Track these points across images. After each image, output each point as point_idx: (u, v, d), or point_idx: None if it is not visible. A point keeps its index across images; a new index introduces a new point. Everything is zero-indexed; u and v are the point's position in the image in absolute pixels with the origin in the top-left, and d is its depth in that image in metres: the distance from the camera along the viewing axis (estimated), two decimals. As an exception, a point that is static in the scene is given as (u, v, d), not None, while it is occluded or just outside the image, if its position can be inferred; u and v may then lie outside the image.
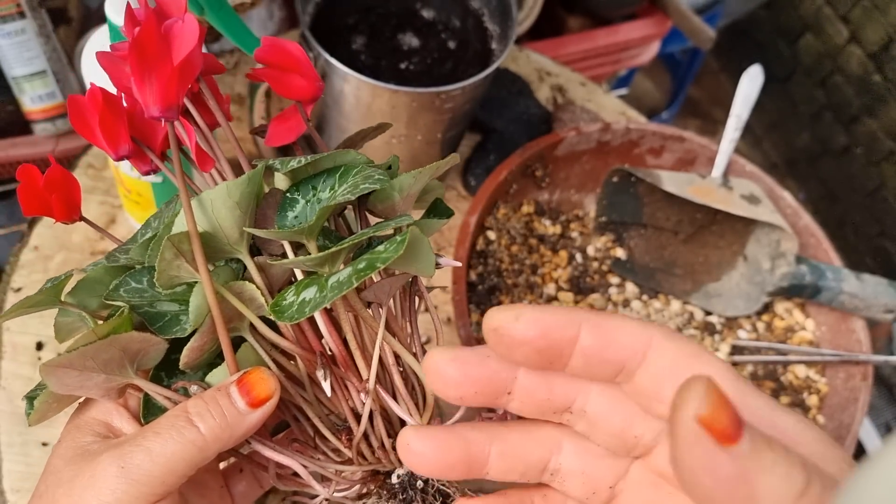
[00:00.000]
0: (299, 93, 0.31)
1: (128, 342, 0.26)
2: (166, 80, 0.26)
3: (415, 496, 0.29)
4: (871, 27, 1.38)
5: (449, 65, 0.60)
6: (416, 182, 0.29)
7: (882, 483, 0.20)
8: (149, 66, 0.26)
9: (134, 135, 0.29)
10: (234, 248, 0.28)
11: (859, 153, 1.48)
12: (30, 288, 0.59)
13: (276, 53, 0.30)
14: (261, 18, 0.83)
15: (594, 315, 0.21)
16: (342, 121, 0.59)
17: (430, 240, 0.69)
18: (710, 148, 0.68)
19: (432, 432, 0.24)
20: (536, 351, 0.21)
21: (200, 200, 0.26)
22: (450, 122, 0.60)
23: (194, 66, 0.27)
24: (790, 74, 1.61)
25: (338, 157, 0.29)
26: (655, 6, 1.02)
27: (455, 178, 0.73)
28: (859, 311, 0.63)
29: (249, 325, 0.28)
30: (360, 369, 0.29)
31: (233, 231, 0.27)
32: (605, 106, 0.81)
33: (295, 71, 0.31)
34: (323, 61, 0.55)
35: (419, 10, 0.63)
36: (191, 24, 0.26)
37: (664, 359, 0.20)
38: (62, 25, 0.67)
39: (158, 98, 0.26)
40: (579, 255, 0.67)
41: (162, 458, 0.25)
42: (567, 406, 0.23)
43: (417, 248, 0.27)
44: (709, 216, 0.67)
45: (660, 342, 0.20)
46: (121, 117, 0.28)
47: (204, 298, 0.26)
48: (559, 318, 0.21)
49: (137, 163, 0.29)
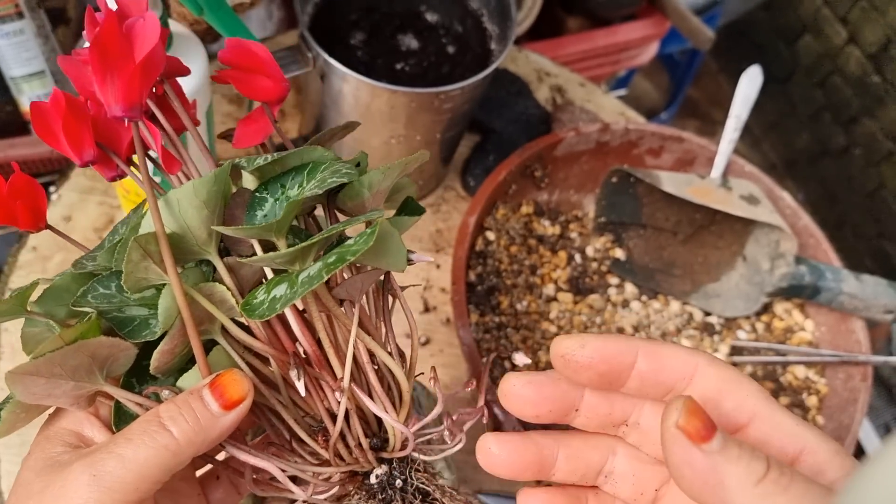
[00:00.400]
0: (265, 94, 0.31)
1: (96, 348, 0.26)
2: (128, 78, 0.26)
3: (394, 495, 0.29)
4: (869, 28, 1.38)
5: (448, 65, 0.60)
6: (385, 178, 0.29)
7: (882, 483, 0.20)
8: (110, 64, 0.25)
9: (99, 140, 0.28)
10: (203, 248, 0.27)
11: (858, 154, 1.48)
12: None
13: (240, 55, 0.30)
14: (260, 18, 0.83)
15: (649, 343, 0.25)
16: (341, 121, 0.59)
17: (428, 236, 0.69)
18: (709, 148, 0.68)
19: (510, 438, 0.27)
20: (599, 374, 0.25)
21: (167, 200, 0.26)
22: (449, 123, 0.60)
23: (157, 64, 0.26)
24: (789, 75, 1.61)
25: (305, 154, 0.29)
26: (654, 7, 1.02)
27: (454, 178, 0.73)
28: (858, 312, 0.63)
29: (221, 327, 0.28)
30: (335, 368, 0.28)
31: (201, 231, 0.26)
32: (604, 106, 0.81)
33: (260, 72, 0.31)
34: (322, 61, 0.54)
35: (418, 11, 0.63)
36: (152, 22, 0.26)
37: (708, 381, 0.24)
38: (61, 26, 0.67)
39: (121, 97, 0.26)
40: (578, 256, 0.67)
41: (134, 464, 0.24)
42: (624, 420, 0.27)
43: (388, 242, 0.27)
44: (708, 217, 0.67)
45: (704, 368, 0.24)
46: (85, 122, 0.27)
47: (173, 300, 0.26)
48: (619, 346, 0.25)
49: (103, 168, 0.29)
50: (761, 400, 0.23)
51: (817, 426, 0.60)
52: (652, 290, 0.66)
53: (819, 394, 0.63)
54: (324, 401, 0.28)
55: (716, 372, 0.24)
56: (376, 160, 0.63)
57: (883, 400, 1.25)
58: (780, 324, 0.66)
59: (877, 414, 1.23)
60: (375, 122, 0.58)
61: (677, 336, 0.64)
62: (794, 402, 0.62)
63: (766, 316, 0.66)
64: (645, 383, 0.25)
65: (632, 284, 0.66)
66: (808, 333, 0.65)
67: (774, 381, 0.63)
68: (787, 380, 0.63)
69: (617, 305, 0.65)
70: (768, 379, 0.63)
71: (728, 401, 0.23)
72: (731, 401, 0.23)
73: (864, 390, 0.60)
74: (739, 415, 0.23)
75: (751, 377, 0.62)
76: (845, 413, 0.60)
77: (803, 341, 0.65)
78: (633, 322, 0.64)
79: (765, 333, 0.66)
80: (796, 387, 0.63)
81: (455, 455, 0.33)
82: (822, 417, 0.61)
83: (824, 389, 0.63)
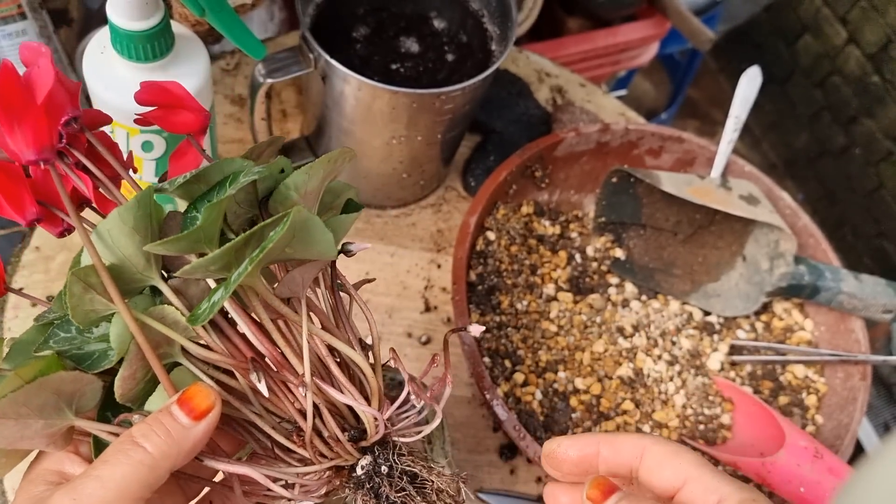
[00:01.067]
0: (187, 127, 0.32)
1: (59, 384, 0.26)
2: (33, 122, 0.26)
3: (381, 482, 0.30)
4: (869, 28, 1.39)
5: (449, 66, 0.60)
6: (310, 178, 0.29)
7: (881, 483, 0.20)
8: (14, 114, 0.26)
9: (41, 199, 0.29)
10: (145, 275, 0.27)
11: (858, 154, 1.48)
12: (31, 288, 0.59)
13: (156, 94, 0.32)
14: (261, 20, 0.84)
15: (607, 435, 0.31)
16: (343, 122, 0.59)
17: (429, 236, 0.69)
18: (708, 149, 0.68)
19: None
20: (576, 464, 0.32)
21: (98, 233, 0.26)
22: (450, 123, 0.60)
23: (59, 105, 0.27)
24: (789, 75, 1.61)
25: (225, 166, 0.29)
26: (654, 7, 1.02)
27: (455, 178, 0.73)
28: (858, 312, 0.63)
29: (181, 348, 0.28)
30: (295, 366, 0.29)
31: (138, 258, 0.27)
32: (604, 107, 0.81)
33: (179, 107, 0.32)
34: (323, 62, 0.55)
35: (419, 12, 0.63)
36: (45, 68, 0.27)
37: (653, 457, 0.30)
38: (63, 26, 0.67)
39: (31, 141, 0.27)
40: (578, 256, 0.67)
41: (112, 483, 0.25)
42: None
43: (309, 230, 0.27)
44: (708, 217, 0.67)
45: (650, 447, 0.30)
46: (21, 183, 0.28)
47: (124, 326, 0.26)
48: (585, 440, 0.32)
49: (49, 226, 0.30)
50: (694, 466, 0.29)
51: (816, 425, 0.61)
52: (652, 290, 0.66)
53: (818, 393, 0.63)
54: (294, 402, 0.29)
55: (659, 449, 0.30)
56: (377, 161, 0.63)
57: (882, 399, 1.25)
58: (779, 323, 0.66)
59: (876, 413, 1.23)
60: (377, 123, 0.58)
61: (677, 335, 0.64)
62: (793, 401, 0.62)
63: (766, 315, 0.67)
64: (609, 465, 0.31)
65: (632, 284, 0.66)
66: (808, 333, 0.66)
67: (774, 381, 0.63)
68: (787, 379, 0.63)
69: (617, 305, 0.65)
70: (768, 378, 0.63)
71: (666, 469, 0.29)
72: (669, 469, 0.29)
73: (863, 389, 0.60)
74: (676, 478, 0.29)
75: (748, 377, 0.63)
76: (844, 412, 0.60)
77: (803, 341, 0.65)
78: (633, 322, 0.64)
79: (764, 333, 0.66)
80: (795, 386, 0.63)
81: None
82: (822, 416, 0.62)
83: (823, 388, 0.63)
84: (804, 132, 1.62)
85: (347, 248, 0.32)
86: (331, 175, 0.30)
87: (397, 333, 0.63)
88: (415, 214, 0.70)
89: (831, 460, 0.53)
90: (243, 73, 0.75)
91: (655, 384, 0.61)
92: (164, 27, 0.46)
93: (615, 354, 0.62)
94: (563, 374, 0.60)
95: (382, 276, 0.66)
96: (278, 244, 0.25)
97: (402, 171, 0.65)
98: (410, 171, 0.65)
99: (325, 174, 0.29)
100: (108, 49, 0.47)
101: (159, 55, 0.47)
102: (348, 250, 0.32)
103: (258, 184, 0.29)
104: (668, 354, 0.63)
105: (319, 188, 0.30)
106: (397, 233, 0.69)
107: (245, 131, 0.71)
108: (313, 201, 0.30)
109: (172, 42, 0.47)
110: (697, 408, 0.61)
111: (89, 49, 0.49)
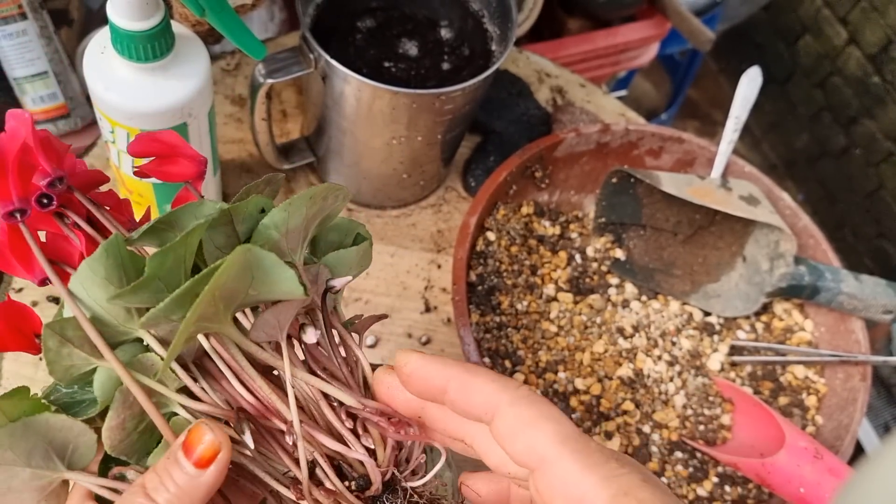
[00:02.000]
0: (185, 174, 0.32)
1: (46, 429, 0.25)
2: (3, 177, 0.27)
3: None
4: (869, 29, 1.39)
5: (449, 66, 0.60)
6: (290, 216, 0.27)
7: (881, 484, 0.20)
8: None
9: (51, 257, 0.29)
10: (127, 326, 0.27)
11: (858, 154, 1.48)
12: (31, 289, 0.59)
13: (150, 145, 0.31)
14: (262, 20, 0.84)
15: (463, 373, 0.26)
16: (343, 122, 0.59)
17: (429, 237, 0.69)
18: (709, 149, 0.68)
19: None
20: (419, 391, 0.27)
21: (73, 289, 0.26)
22: (450, 124, 0.60)
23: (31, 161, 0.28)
24: (789, 76, 1.61)
25: (197, 210, 0.28)
26: (654, 8, 1.02)
27: (455, 178, 0.73)
28: (858, 312, 0.63)
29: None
30: (285, 414, 0.28)
31: (117, 310, 0.26)
32: (604, 107, 0.81)
33: (175, 155, 0.32)
34: (324, 63, 0.55)
35: (419, 12, 0.63)
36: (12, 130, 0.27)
37: (504, 422, 0.24)
38: (64, 27, 0.68)
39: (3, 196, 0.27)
40: (578, 256, 0.67)
41: None
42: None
43: (262, 268, 0.25)
44: (708, 217, 0.68)
45: (505, 408, 0.24)
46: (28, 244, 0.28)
47: (108, 373, 0.26)
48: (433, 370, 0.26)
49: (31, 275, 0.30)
50: (552, 444, 0.23)
51: (816, 425, 0.61)
52: (652, 291, 0.66)
53: (818, 393, 0.63)
54: (293, 452, 0.28)
55: (513, 414, 0.24)
56: (377, 161, 0.63)
57: (882, 400, 1.25)
58: (779, 324, 0.66)
59: (876, 414, 1.23)
60: (377, 124, 0.58)
61: (677, 336, 0.64)
62: (793, 401, 0.62)
63: (766, 316, 0.67)
64: (455, 409, 0.26)
65: (632, 284, 0.66)
66: (808, 333, 0.66)
67: (774, 381, 0.63)
68: (787, 379, 0.63)
69: (617, 305, 0.65)
70: (768, 378, 0.63)
71: (518, 442, 0.24)
72: (520, 442, 0.24)
73: (863, 390, 0.60)
74: (528, 458, 0.24)
75: (748, 378, 0.63)
76: (844, 413, 0.60)
77: (803, 341, 0.65)
78: (633, 322, 0.64)
79: (764, 333, 0.66)
80: (795, 386, 0.63)
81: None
82: (822, 417, 0.62)
83: (823, 389, 0.63)
84: (804, 133, 1.62)
85: (330, 284, 0.30)
86: (322, 212, 0.29)
87: (397, 334, 0.63)
88: (415, 215, 0.70)
89: (831, 461, 0.53)
90: (243, 73, 0.75)
91: (655, 384, 0.61)
92: (165, 27, 0.46)
93: (615, 355, 0.62)
94: (563, 375, 0.60)
95: (382, 276, 0.66)
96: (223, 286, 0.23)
97: (403, 172, 0.65)
98: (411, 171, 0.65)
99: (310, 212, 0.28)
100: (108, 49, 0.47)
101: (159, 55, 0.47)
102: (331, 287, 0.30)
103: (238, 225, 0.28)
104: (669, 355, 0.63)
105: (305, 226, 0.28)
106: (397, 233, 0.69)
107: (245, 131, 0.71)
108: (297, 240, 0.29)
109: (173, 42, 0.47)
110: (697, 408, 0.61)
111: (90, 49, 0.49)
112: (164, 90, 0.48)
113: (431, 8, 0.63)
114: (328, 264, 0.30)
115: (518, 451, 0.24)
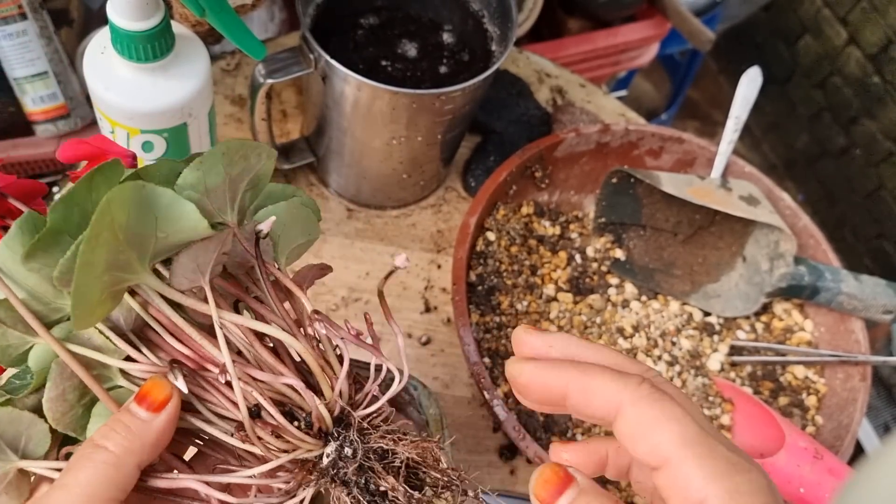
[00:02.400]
0: None
1: None
2: None
3: (347, 467, 0.27)
4: (869, 29, 1.39)
5: (449, 66, 0.60)
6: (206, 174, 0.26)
7: (881, 484, 0.20)
8: None
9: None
10: (59, 303, 0.26)
11: (858, 154, 1.48)
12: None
13: (80, 149, 0.31)
14: (262, 20, 0.84)
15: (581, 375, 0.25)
16: (343, 122, 0.59)
17: (429, 237, 0.69)
18: (708, 149, 0.68)
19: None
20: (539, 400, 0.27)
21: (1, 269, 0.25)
22: (450, 124, 0.60)
23: None
24: (789, 76, 1.61)
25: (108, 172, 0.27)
26: (655, 8, 1.02)
27: (455, 178, 0.73)
28: (858, 312, 0.63)
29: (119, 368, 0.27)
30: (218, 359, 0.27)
31: (45, 287, 0.26)
32: (604, 107, 0.81)
33: (106, 156, 0.31)
34: (324, 63, 0.55)
35: (419, 12, 0.63)
36: None
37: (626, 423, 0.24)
38: (64, 27, 0.68)
39: None
40: (578, 256, 0.67)
41: (78, 487, 0.24)
42: None
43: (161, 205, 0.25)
44: (708, 217, 0.68)
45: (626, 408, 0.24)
46: None
47: (43, 348, 0.26)
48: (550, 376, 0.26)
49: None
50: (676, 446, 0.23)
51: (816, 426, 0.61)
52: (652, 291, 0.66)
53: (818, 394, 0.63)
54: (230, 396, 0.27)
55: (636, 414, 0.24)
56: (377, 161, 0.63)
57: (882, 400, 1.25)
58: (779, 324, 0.66)
59: (876, 414, 1.23)
60: (377, 124, 0.58)
61: (677, 336, 0.64)
62: (793, 401, 0.62)
63: (766, 316, 0.67)
64: (578, 413, 0.26)
65: (632, 284, 0.66)
66: (808, 333, 0.66)
67: (774, 381, 0.63)
68: (787, 379, 0.63)
69: (617, 305, 0.65)
70: (768, 379, 0.63)
71: (641, 443, 0.24)
72: (643, 444, 0.23)
73: (863, 390, 0.60)
74: (653, 458, 0.23)
75: (748, 378, 0.63)
76: (844, 413, 0.60)
77: (802, 341, 0.65)
78: (633, 322, 0.64)
79: (764, 333, 0.66)
80: (795, 386, 0.63)
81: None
82: (822, 417, 0.62)
83: (823, 389, 0.63)
84: (804, 133, 1.62)
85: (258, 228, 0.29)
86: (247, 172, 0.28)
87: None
88: (415, 215, 0.70)
89: (831, 461, 0.53)
90: (243, 73, 0.75)
91: (655, 385, 0.61)
92: (165, 27, 0.46)
93: (615, 355, 0.62)
94: (563, 375, 0.60)
95: (382, 276, 0.66)
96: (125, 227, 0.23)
97: (403, 172, 0.65)
98: (410, 171, 0.65)
99: (231, 171, 0.27)
100: (108, 49, 0.47)
101: (159, 55, 0.47)
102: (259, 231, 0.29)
103: None
104: (668, 355, 0.63)
105: (231, 186, 0.27)
106: (397, 233, 0.69)
107: (245, 132, 0.71)
108: (223, 200, 0.28)
109: (173, 42, 0.47)
110: (697, 408, 0.61)
111: (90, 49, 0.49)
112: (164, 90, 0.48)
113: (433, 9, 0.63)
114: (258, 220, 0.29)
115: (642, 453, 0.24)
